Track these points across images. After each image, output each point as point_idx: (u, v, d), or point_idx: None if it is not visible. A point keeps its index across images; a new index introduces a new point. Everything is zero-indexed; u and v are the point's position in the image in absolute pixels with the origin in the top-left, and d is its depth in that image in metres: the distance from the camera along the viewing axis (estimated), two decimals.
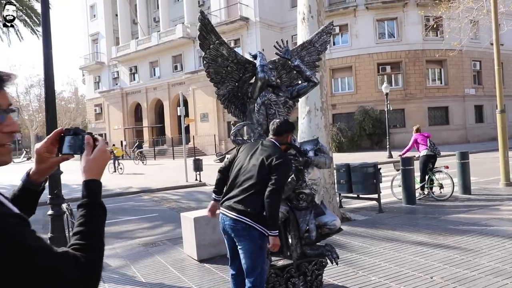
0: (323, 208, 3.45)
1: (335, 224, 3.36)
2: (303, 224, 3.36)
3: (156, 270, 4.98)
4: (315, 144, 3.50)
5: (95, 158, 1.15)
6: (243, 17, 29.83)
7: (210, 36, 3.40)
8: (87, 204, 1.09)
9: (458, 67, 28.18)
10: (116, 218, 9.31)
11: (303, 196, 3.34)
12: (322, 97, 6.94)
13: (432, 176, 8.52)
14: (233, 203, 2.92)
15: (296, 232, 3.39)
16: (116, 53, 40.09)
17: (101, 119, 43.90)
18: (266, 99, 3.53)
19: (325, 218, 3.36)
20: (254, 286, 2.93)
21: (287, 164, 2.93)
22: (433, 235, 5.53)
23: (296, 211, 3.36)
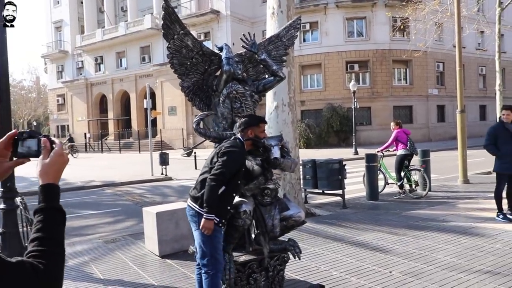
0: (287, 202, 3.44)
1: (300, 216, 3.36)
2: (269, 220, 3.33)
3: (115, 266, 4.83)
4: (279, 140, 3.47)
5: (51, 162, 1.11)
6: (214, 10, 29.50)
7: (174, 26, 3.29)
8: (44, 209, 1.06)
9: (422, 68, 29.10)
10: (76, 212, 9.00)
11: (268, 192, 3.31)
12: (290, 92, 6.94)
13: (408, 174, 8.47)
14: (190, 191, 3.09)
15: (263, 228, 3.36)
16: (81, 42, 38.71)
17: (63, 110, 42.31)
18: (232, 91, 3.47)
19: (290, 211, 3.36)
20: (206, 273, 2.98)
21: (233, 152, 2.93)
22: (394, 231, 5.67)
23: (261, 207, 3.33)
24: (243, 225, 3.18)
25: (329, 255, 4.74)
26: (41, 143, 1.13)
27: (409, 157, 8.50)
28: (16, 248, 4.95)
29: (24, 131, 1.15)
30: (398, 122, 8.89)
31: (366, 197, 8.28)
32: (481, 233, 5.31)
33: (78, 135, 39.08)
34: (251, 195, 3.37)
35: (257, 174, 3.30)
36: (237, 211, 3.16)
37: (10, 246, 4.93)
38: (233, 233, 3.26)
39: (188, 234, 5.25)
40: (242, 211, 3.19)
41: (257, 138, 3.10)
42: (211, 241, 2.94)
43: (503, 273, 3.89)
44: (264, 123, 3.19)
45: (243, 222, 3.15)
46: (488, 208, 6.75)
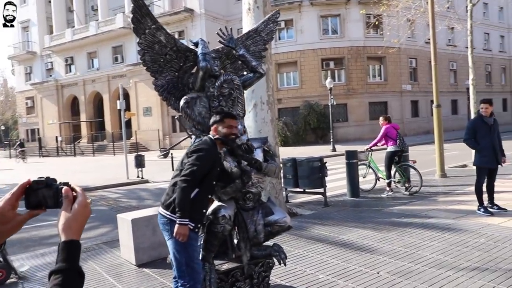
0: (272, 206, 3.26)
1: (285, 221, 3.18)
2: (251, 226, 3.14)
3: (89, 278, 4.53)
4: (263, 142, 3.29)
5: (75, 215, 0.98)
6: (188, 8, 29.05)
7: (145, 20, 3.05)
8: (64, 271, 0.92)
9: (396, 64, 29.54)
10: (46, 220, 8.56)
11: (250, 196, 3.12)
12: (269, 90, 6.77)
13: (400, 170, 8.21)
14: (162, 198, 2.88)
15: (244, 234, 3.16)
16: (50, 42, 37.44)
17: (33, 113, 40.83)
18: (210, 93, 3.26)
19: (275, 216, 3.17)
20: (183, 286, 2.76)
21: (202, 150, 2.74)
22: (378, 228, 5.58)
23: (243, 212, 3.13)
24: (223, 231, 2.97)
25: (314, 257, 4.59)
26: (62, 193, 1.00)
27: (399, 153, 8.23)
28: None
29: (39, 180, 1.01)
30: (387, 117, 8.62)
31: (347, 194, 8.21)
32: (465, 228, 5.28)
33: (49, 138, 37.83)
34: (232, 200, 3.18)
35: (236, 177, 3.10)
36: (215, 217, 2.96)
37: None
38: (212, 240, 3.05)
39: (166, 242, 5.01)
40: (221, 216, 2.99)
41: (225, 136, 2.87)
42: (186, 249, 2.71)
43: (490, 268, 3.83)
44: (230, 118, 2.92)
45: (222, 228, 2.95)
46: (468, 201, 6.78)
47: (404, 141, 8.32)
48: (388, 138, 8.23)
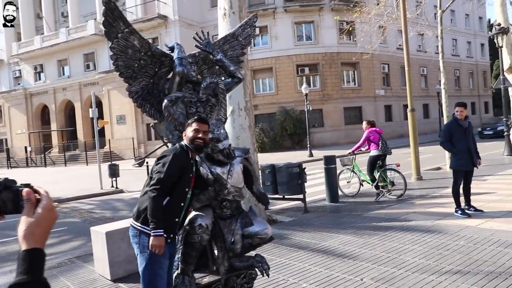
0: (252, 216, 3.14)
1: (266, 233, 3.06)
2: (228, 235, 3.01)
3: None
4: (244, 152, 3.19)
5: (38, 220, 0.87)
6: (161, 15, 28.74)
7: (117, 23, 2.90)
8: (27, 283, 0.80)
9: (369, 70, 30.09)
10: (14, 235, 8.15)
11: (227, 204, 3.00)
12: (246, 96, 6.69)
13: (382, 174, 8.12)
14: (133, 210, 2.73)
15: (222, 243, 3.03)
16: (18, 49, 36.23)
17: (1, 123, 39.31)
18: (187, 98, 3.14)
19: (255, 227, 3.04)
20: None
21: (169, 156, 2.61)
22: (359, 234, 5.55)
23: (221, 220, 3.00)
24: (200, 241, 2.83)
25: (296, 265, 4.50)
26: (23, 196, 0.88)
27: (382, 157, 8.18)
28: None
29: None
30: (370, 122, 8.56)
31: (326, 199, 8.19)
32: (444, 231, 5.32)
33: (18, 149, 36.47)
34: (209, 208, 3.05)
35: (210, 184, 2.98)
36: (192, 226, 2.82)
37: None
38: (190, 252, 2.89)
39: None
40: (197, 225, 2.85)
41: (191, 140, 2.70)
42: (152, 265, 2.54)
43: (472, 271, 3.84)
44: (199, 122, 2.73)
45: (200, 237, 2.81)
46: (445, 204, 6.87)
47: (387, 145, 8.26)
48: (371, 142, 8.20)
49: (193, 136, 2.68)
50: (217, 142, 2.91)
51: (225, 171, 2.97)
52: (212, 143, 2.89)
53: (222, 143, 2.91)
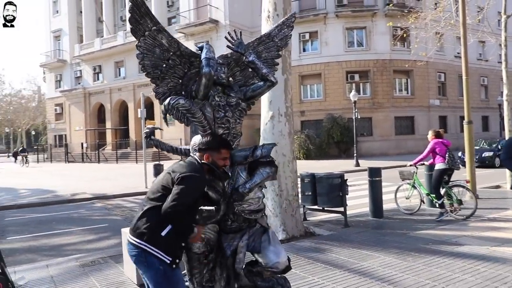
0: (264, 243, 2.77)
1: (278, 267, 2.69)
2: (227, 250, 2.74)
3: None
4: (244, 158, 2.83)
5: None
6: (213, 19, 29.23)
7: (144, 21, 2.77)
8: None
9: (423, 78, 28.71)
10: (59, 228, 8.43)
11: (231, 217, 2.74)
12: (287, 102, 6.42)
13: (449, 191, 7.36)
14: (133, 224, 2.46)
15: (222, 258, 2.77)
16: (80, 51, 38.50)
17: (61, 120, 41.89)
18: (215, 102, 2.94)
19: (265, 257, 2.69)
20: None
21: (193, 178, 2.35)
22: (402, 255, 5.08)
23: (223, 234, 2.75)
24: (190, 250, 2.63)
25: (330, 286, 4.15)
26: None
27: (449, 172, 7.36)
28: None
29: None
30: (436, 132, 7.69)
31: (370, 214, 7.71)
32: (501, 259, 4.72)
33: (75, 144, 38.60)
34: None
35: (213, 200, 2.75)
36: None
37: None
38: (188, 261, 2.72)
39: None
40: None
41: (215, 165, 2.52)
42: (169, 282, 2.33)
43: None
44: (227, 149, 2.60)
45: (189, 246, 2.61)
46: (504, 228, 6.18)
47: (455, 158, 7.41)
48: (436, 155, 7.41)
49: (222, 165, 2.56)
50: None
51: (225, 184, 2.73)
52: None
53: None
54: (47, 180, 19.26)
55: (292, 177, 6.46)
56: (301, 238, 6.28)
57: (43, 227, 8.68)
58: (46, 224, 9.07)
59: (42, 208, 11.46)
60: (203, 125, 2.85)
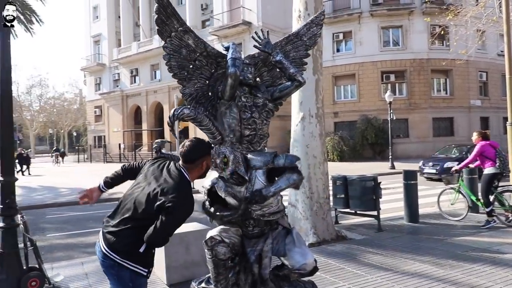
0: (289, 245, 2.69)
1: (305, 268, 2.60)
2: (251, 255, 2.67)
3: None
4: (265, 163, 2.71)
5: None
6: (246, 21, 29.35)
7: (171, 21, 2.77)
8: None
9: (463, 78, 27.55)
10: (95, 227, 8.68)
11: (251, 222, 2.67)
12: (318, 102, 6.31)
13: (500, 197, 6.87)
14: (107, 232, 2.35)
15: (246, 264, 2.71)
16: (118, 55, 39.74)
17: (100, 121, 43.42)
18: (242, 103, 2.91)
19: (291, 259, 2.60)
20: None
21: (183, 208, 2.20)
22: (439, 263, 4.84)
23: (246, 239, 2.69)
24: (216, 256, 2.55)
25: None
26: None
27: (499, 177, 6.88)
28: (15, 270, 4.56)
29: None
30: (482, 133, 7.20)
31: (404, 218, 7.44)
32: None
33: (114, 145, 39.87)
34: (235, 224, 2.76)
35: (231, 206, 2.69)
36: (204, 242, 2.58)
37: (8, 268, 4.55)
38: (212, 269, 2.65)
39: (200, 261, 4.68)
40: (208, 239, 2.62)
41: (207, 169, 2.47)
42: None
43: None
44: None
45: (214, 252, 2.53)
46: None
47: (506, 161, 6.94)
48: (485, 158, 6.93)
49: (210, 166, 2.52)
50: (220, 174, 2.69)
51: (242, 189, 2.67)
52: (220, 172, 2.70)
53: (224, 174, 2.66)
54: (86, 179, 19.96)
55: (323, 179, 6.33)
56: (332, 242, 6.14)
57: (80, 225, 8.98)
58: (83, 222, 9.38)
59: (80, 206, 11.86)
60: (211, 132, 2.82)
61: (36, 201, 12.73)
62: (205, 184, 2.82)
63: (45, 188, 16.87)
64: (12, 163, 4.84)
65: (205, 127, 2.79)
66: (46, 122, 61.62)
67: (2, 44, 4.58)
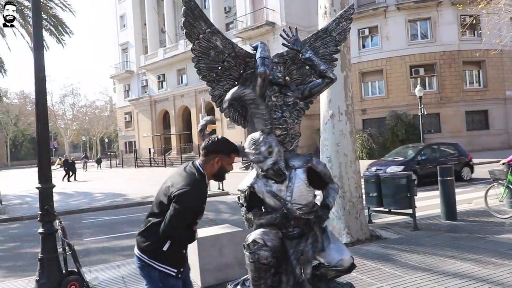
0: (326, 241, 2.63)
1: (342, 264, 2.53)
2: (293, 256, 2.61)
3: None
4: (305, 162, 2.71)
5: None
6: (269, 22, 29.34)
7: (198, 24, 2.76)
8: None
9: (498, 68, 26.51)
10: (129, 231, 8.85)
11: (292, 222, 2.61)
12: (347, 100, 6.18)
13: None
14: (138, 234, 2.42)
15: (288, 266, 2.65)
16: (145, 61, 40.61)
17: (130, 127, 44.49)
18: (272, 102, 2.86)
19: (328, 256, 2.54)
20: None
21: (187, 196, 2.19)
22: (482, 262, 4.63)
23: (287, 240, 2.63)
24: (258, 260, 2.49)
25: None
26: None
27: None
28: (55, 274, 4.69)
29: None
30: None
31: (441, 216, 7.18)
32: None
33: (144, 150, 40.73)
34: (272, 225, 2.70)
35: (270, 207, 2.63)
36: (246, 245, 2.51)
37: (49, 272, 4.68)
38: (253, 273, 2.57)
39: (233, 263, 4.69)
40: (251, 242, 2.54)
41: (224, 170, 2.40)
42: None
43: None
44: (236, 154, 2.46)
45: (257, 256, 2.47)
46: None
47: None
48: None
49: (229, 170, 2.42)
50: (259, 163, 2.59)
51: (283, 188, 2.60)
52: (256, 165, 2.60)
53: (265, 164, 2.56)
54: (118, 185, 20.46)
55: (355, 177, 6.20)
56: (366, 241, 6.00)
57: (115, 229, 9.19)
58: (118, 226, 9.59)
59: (114, 211, 12.16)
60: (265, 118, 2.74)
61: (72, 207, 13.14)
62: (242, 186, 2.74)
63: (80, 193, 17.40)
64: (49, 170, 4.98)
65: (260, 112, 2.73)
66: (79, 129, 63.75)
67: (36, 56, 4.73)
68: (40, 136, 4.78)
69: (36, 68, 4.69)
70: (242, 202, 2.69)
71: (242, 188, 2.74)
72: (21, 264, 6.52)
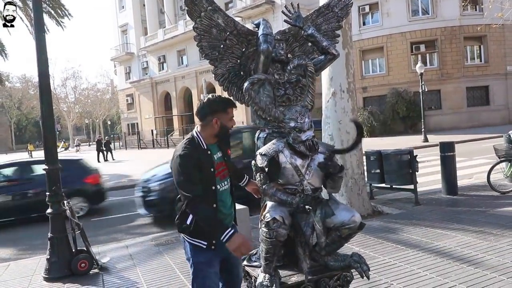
0: (334, 205, 2.68)
1: (354, 221, 2.57)
2: (306, 228, 2.67)
3: (161, 273, 4.50)
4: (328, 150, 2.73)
5: None
6: (269, 0, 28.89)
7: (200, 1, 2.75)
8: None
9: (499, 43, 26.22)
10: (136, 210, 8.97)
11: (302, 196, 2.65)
12: (349, 77, 6.17)
13: None
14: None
15: (301, 238, 2.72)
16: (145, 43, 40.21)
17: (132, 109, 44.44)
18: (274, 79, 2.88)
19: (340, 216, 2.59)
20: None
21: (177, 157, 2.26)
22: (483, 235, 4.72)
23: (297, 213, 2.68)
24: (276, 237, 2.53)
25: (403, 267, 3.98)
26: None
27: None
28: (64, 253, 4.82)
29: None
30: None
31: (442, 191, 7.26)
32: None
33: (146, 132, 40.80)
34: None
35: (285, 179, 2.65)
36: (265, 222, 2.55)
37: (59, 251, 4.81)
38: (268, 249, 2.58)
39: None
40: (271, 219, 2.53)
41: (225, 128, 2.40)
42: (197, 276, 2.37)
43: None
44: (232, 108, 2.43)
45: (275, 233, 2.51)
46: None
47: None
48: None
49: (231, 125, 2.42)
50: (300, 132, 2.56)
51: (305, 165, 2.63)
52: (294, 132, 2.56)
53: (305, 134, 2.54)
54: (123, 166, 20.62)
55: (357, 154, 6.25)
56: (369, 217, 6.10)
57: (123, 209, 9.32)
58: (125, 206, 9.71)
59: (120, 191, 12.29)
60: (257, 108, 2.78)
61: None
62: (267, 150, 2.60)
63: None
64: (55, 152, 5.04)
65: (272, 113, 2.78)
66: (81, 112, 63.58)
67: (37, 38, 4.73)
68: (44, 118, 4.82)
69: (38, 49, 4.70)
70: (264, 166, 2.61)
71: (267, 152, 2.60)
72: (39, 243, 6.62)
